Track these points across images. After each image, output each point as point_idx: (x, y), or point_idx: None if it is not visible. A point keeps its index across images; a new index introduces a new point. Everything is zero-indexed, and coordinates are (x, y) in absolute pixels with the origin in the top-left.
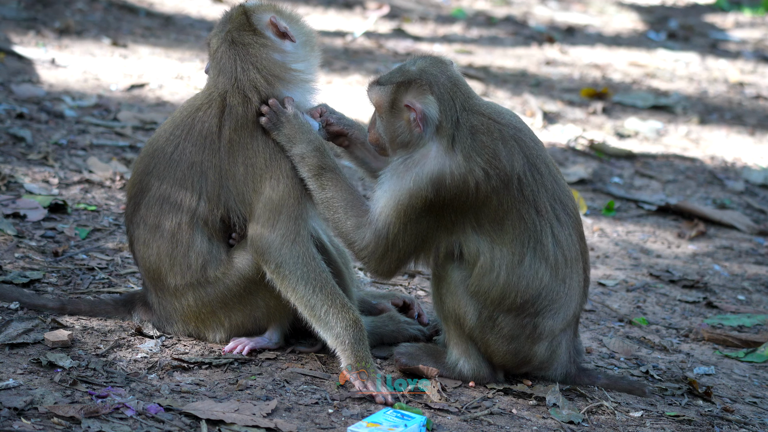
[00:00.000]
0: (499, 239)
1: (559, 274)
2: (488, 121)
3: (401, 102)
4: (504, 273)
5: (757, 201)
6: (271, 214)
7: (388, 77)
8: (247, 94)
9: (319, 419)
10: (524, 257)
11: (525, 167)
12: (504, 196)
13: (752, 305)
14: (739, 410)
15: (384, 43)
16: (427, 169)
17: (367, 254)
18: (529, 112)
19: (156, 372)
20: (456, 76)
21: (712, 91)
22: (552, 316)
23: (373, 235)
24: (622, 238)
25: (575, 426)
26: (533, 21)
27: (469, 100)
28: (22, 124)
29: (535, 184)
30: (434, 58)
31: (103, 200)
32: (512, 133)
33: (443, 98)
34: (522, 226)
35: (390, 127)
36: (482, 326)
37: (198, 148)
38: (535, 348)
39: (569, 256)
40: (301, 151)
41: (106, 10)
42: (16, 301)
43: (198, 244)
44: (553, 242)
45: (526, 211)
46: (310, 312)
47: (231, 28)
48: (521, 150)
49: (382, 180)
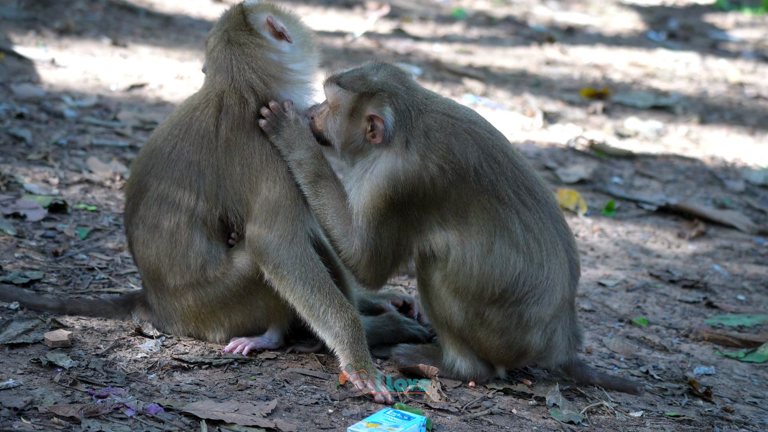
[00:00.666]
0: (465, 231)
1: (534, 259)
2: (442, 117)
3: (362, 111)
4: (476, 264)
5: (757, 201)
6: (268, 215)
7: (350, 81)
8: (244, 95)
9: (319, 419)
10: (493, 245)
11: (480, 158)
12: (462, 189)
13: (752, 305)
14: (739, 410)
15: (384, 43)
16: (381, 168)
17: (354, 262)
18: (529, 112)
19: (156, 372)
20: (414, 86)
21: (712, 91)
22: (536, 303)
23: (358, 243)
24: (622, 238)
25: (575, 426)
26: (533, 21)
27: (426, 102)
28: (22, 124)
29: (493, 174)
30: (395, 70)
31: (103, 200)
32: (466, 127)
33: (400, 110)
34: (485, 215)
35: (345, 132)
36: (470, 324)
37: (195, 148)
38: (527, 337)
39: (543, 240)
40: (299, 156)
41: (106, 10)
42: (16, 301)
43: (197, 244)
44: (521, 228)
45: (488, 201)
46: (309, 312)
47: (228, 27)
48: (475, 142)
49: (348, 188)
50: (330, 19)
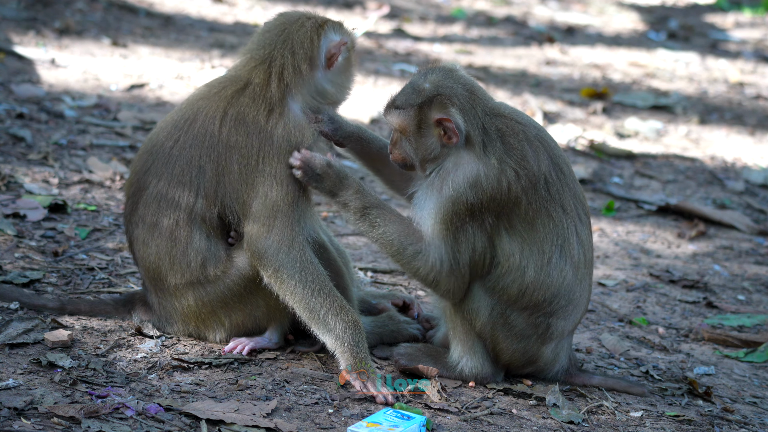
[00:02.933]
0: (530, 239)
1: (578, 274)
2: (511, 122)
3: (429, 120)
4: (532, 272)
5: (757, 201)
6: (266, 218)
7: (405, 99)
8: (272, 75)
9: (319, 419)
10: (552, 256)
11: (550, 167)
12: (533, 196)
13: (752, 305)
14: (739, 410)
15: (384, 43)
16: (463, 174)
17: (434, 276)
18: (529, 112)
19: (156, 372)
20: (469, 82)
21: (712, 91)
22: (565, 317)
23: (436, 255)
24: (622, 238)
25: (575, 426)
26: (533, 21)
27: (487, 103)
28: (22, 124)
29: (560, 184)
30: (443, 69)
31: (103, 200)
32: (535, 134)
33: (465, 108)
34: (551, 224)
35: (420, 147)
36: (494, 323)
37: (198, 142)
38: (543, 348)
39: (588, 257)
40: (343, 199)
41: (106, 10)
42: (16, 301)
43: (196, 242)
44: (577, 241)
45: (554, 210)
46: (309, 314)
47: (292, 29)
48: (545, 150)
49: (419, 199)
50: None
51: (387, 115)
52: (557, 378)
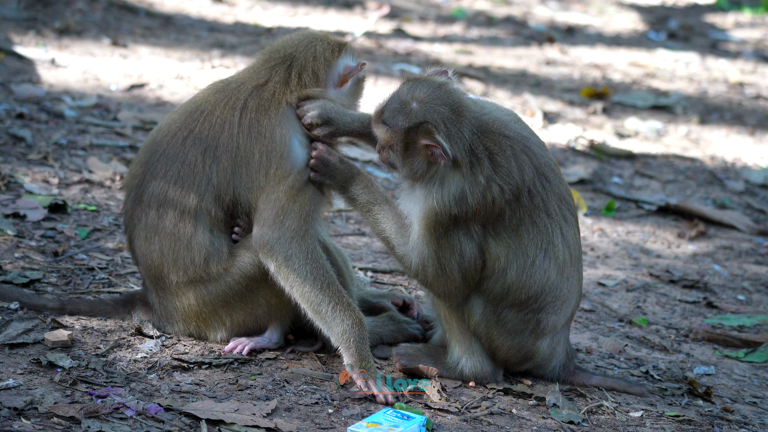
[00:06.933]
0: (514, 245)
1: (564, 272)
2: (499, 137)
3: (416, 143)
4: (514, 273)
5: (757, 201)
6: (281, 210)
7: (393, 118)
8: (292, 75)
9: (319, 419)
10: (536, 258)
11: (534, 178)
12: (516, 207)
13: (752, 305)
14: (739, 410)
15: (384, 43)
16: (449, 190)
17: (422, 278)
18: (529, 112)
19: (156, 372)
20: (457, 100)
21: (712, 91)
22: (555, 312)
23: (419, 259)
24: (622, 238)
25: (575, 426)
26: (533, 21)
27: (475, 121)
28: (22, 124)
29: (544, 192)
30: (431, 84)
31: (103, 200)
32: (522, 146)
33: (451, 133)
34: (535, 230)
35: (407, 163)
36: (487, 320)
37: (217, 130)
38: (538, 343)
39: (574, 255)
40: (351, 194)
41: (106, 10)
42: (16, 301)
43: (200, 236)
44: (562, 242)
45: (538, 216)
46: (315, 309)
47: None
48: (531, 161)
49: (406, 200)
50: (330, 19)
51: (375, 127)
52: (556, 374)
